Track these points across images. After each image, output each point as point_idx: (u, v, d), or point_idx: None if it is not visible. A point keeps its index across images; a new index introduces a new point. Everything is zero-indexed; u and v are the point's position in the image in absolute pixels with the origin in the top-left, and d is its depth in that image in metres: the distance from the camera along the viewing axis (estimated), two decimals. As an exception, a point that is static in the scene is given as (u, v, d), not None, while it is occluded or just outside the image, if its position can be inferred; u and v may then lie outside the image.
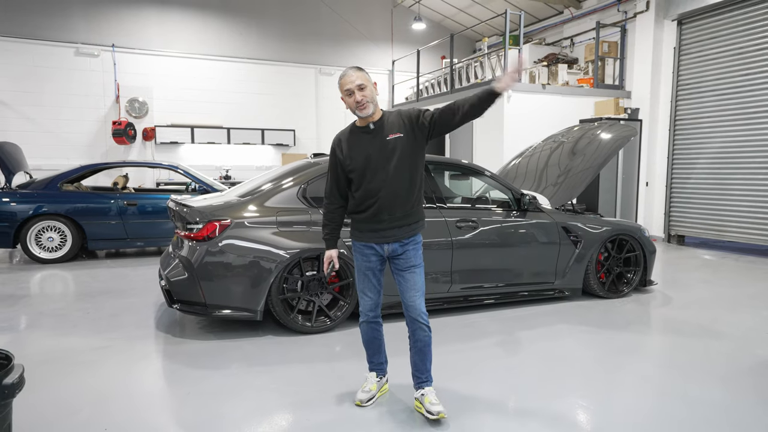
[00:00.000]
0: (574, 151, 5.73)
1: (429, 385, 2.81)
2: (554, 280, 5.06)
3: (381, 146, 2.67)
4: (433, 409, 2.69)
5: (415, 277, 2.76)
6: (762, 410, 2.91)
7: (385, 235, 2.74)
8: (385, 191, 2.68)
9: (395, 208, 2.70)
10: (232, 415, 2.83)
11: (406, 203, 2.72)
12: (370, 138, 2.70)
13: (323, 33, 13.32)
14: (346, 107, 2.72)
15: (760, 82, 7.91)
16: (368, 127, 2.71)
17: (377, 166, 2.67)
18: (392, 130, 2.69)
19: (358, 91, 2.62)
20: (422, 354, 2.79)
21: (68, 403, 2.94)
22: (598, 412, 2.88)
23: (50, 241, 6.91)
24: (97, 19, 11.32)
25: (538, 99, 9.24)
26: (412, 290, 2.74)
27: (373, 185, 2.68)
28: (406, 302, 2.76)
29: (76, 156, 11.13)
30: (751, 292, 5.67)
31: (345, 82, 2.65)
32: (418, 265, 2.78)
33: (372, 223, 2.74)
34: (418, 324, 2.74)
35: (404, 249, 2.76)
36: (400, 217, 2.72)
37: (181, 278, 4.01)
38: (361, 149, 2.70)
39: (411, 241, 2.77)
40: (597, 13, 10.87)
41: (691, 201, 9.06)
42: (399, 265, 2.78)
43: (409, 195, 2.73)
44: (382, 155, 2.67)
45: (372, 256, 2.81)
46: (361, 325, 2.92)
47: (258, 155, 12.93)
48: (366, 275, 2.84)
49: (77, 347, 3.83)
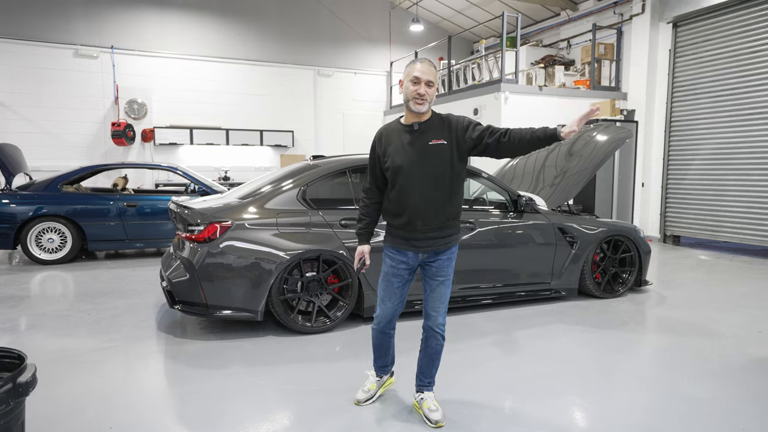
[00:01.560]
0: (570, 153, 5.79)
1: (430, 390, 2.85)
2: (551, 280, 5.12)
3: (422, 149, 2.57)
4: (432, 416, 2.72)
5: (442, 288, 2.71)
6: (754, 408, 2.97)
7: (417, 244, 2.64)
8: (420, 197, 2.58)
9: (430, 218, 2.60)
10: (234, 414, 2.88)
11: (442, 213, 2.62)
12: (412, 138, 2.60)
13: (321, 34, 13.38)
14: (400, 92, 2.63)
15: (754, 85, 8.00)
16: (413, 127, 2.61)
17: (414, 169, 2.57)
18: (437, 135, 2.59)
19: (425, 86, 2.53)
20: (431, 360, 2.81)
21: (73, 403, 2.99)
22: (595, 411, 2.94)
23: (50, 243, 6.95)
24: (96, 20, 11.36)
25: (535, 100, 9.32)
26: (437, 301, 2.71)
27: (408, 188, 2.58)
28: (427, 311, 2.74)
29: (75, 157, 11.16)
30: (744, 292, 5.75)
31: (417, 68, 2.54)
32: (448, 277, 2.72)
33: (405, 230, 2.64)
34: (434, 333, 2.74)
35: (437, 258, 2.69)
36: (435, 228, 2.62)
37: (183, 279, 4.06)
38: (401, 148, 2.60)
39: (447, 251, 2.70)
40: (593, 15, 10.95)
41: (687, 202, 9.14)
42: (429, 273, 2.72)
43: (447, 205, 2.63)
44: (421, 158, 2.57)
45: (401, 264, 2.71)
46: (372, 330, 2.89)
47: (257, 156, 12.98)
48: (390, 282, 2.74)
49: (79, 348, 3.88)
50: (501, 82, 9.06)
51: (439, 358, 2.83)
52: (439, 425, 2.71)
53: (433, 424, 2.71)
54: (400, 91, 2.66)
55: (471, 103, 9.80)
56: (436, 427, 2.70)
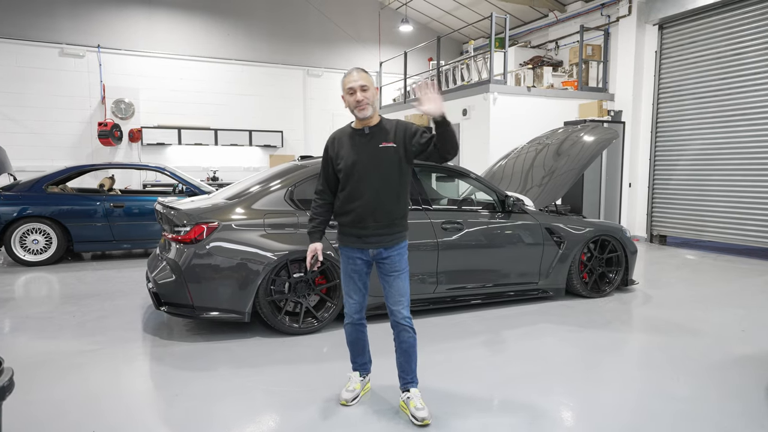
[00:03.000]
0: (558, 153, 5.84)
1: (415, 386, 2.87)
2: (538, 280, 5.15)
3: (372, 151, 2.72)
4: (419, 414, 2.74)
5: (399, 282, 2.81)
6: (737, 406, 3.01)
7: (368, 241, 2.78)
8: (370, 196, 2.72)
9: (380, 216, 2.74)
10: (220, 416, 2.86)
11: (391, 212, 2.76)
12: (364, 142, 2.75)
13: (311, 34, 13.36)
14: (345, 106, 2.77)
15: (737, 87, 8.11)
16: (363, 131, 2.76)
17: (365, 170, 2.71)
18: (386, 138, 2.74)
19: (360, 91, 2.67)
20: (407, 355, 2.85)
21: (57, 406, 2.96)
22: (580, 410, 2.97)
23: (35, 244, 6.86)
24: (82, 19, 11.24)
25: (523, 101, 9.37)
26: (397, 295, 2.80)
27: (360, 188, 2.72)
28: (390, 306, 2.82)
29: (61, 158, 11.04)
30: (728, 291, 5.83)
31: (348, 80, 2.70)
32: (403, 270, 2.83)
33: (356, 228, 2.78)
34: (402, 327, 2.80)
35: (389, 254, 2.81)
36: (384, 225, 2.76)
37: (169, 281, 4.03)
38: (353, 150, 2.75)
39: (396, 247, 2.82)
40: (581, 17, 11.04)
41: (673, 202, 9.25)
42: (384, 270, 2.84)
43: (395, 205, 2.78)
44: (371, 161, 2.71)
45: (358, 260, 2.85)
46: (345, 326, 2.98)
47: (246, 156, 12.92)
48: (351, 278, 2.88)
49: (64, 350, 3.84)
50: (490, 83, 9.10)
51: (415, 352, 2.86)
52: (426, 423, 2.72)
53: (419, 422, 2.72)
54: (345, 105, 2.79)
55: (460, 103, 9.83)
56: (423, 424, 2.72)
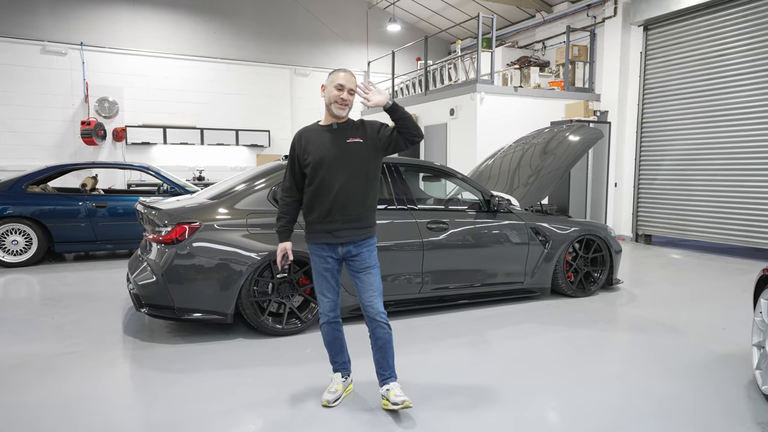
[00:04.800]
0: (544, 152, 5.85)
1: (394, 380, 2.86)
2: (524, 279, 5.16)
3: (340, 146, 2.76)
4: (398, 399, 2.74)
5: (371, 278, 2.82)
6: (717, 404, 3.03)
7: (338, 235, 2.78)
8: (339, 190, 2.73)
9: (349, 209, 2.76)
10: (200, 418, 2.82)
11: (359, 206, 2.79)
12: (331, 137, 2.78)
13: (298, 33, 13.28)
14: (322, 96, 2.81)
15: (720, 88, 8.20)
16: (331, 126, 2.81)
17: (333, 165, 2.73)
18: (353, 134, 2.79)
19: (348, 93, 2.74)
20: (384, 351, 2.84)
21: (31, 411, 2.89)
22: (564, 410, 2.96)
23: (15, 245, 6.73)
24: (64, 16, 11.07)
25: (510, 101, 9.39)
26: (369, 290, 2.81)
27: (328, 181, 2.74)
28: (364, 302, 2.82)
29: (43, 157, 10.86)
30: (710, 289, 5.89)
31: (341, 77, 2.74)
32: (373, 266, 2.85)
33: (325, 222, 2.78)
34: (377, 323, 2.80)
35: (359, 251, 2.82)
36: (353, 219, 2.78)
37: (150, 282, 3.97)
38: (320, 146, 2.77)
39: (365, 242, 2.84)
40: (567, 18, 11.10)
41: (657, 201, 9.33)
42: (355, 267, 2.84)
43: (364, 199, 2.80)
44: (339, 155, 2.74)
45: (329, 258, 2.85)
46: (321, 326, 2.96)
47: (232, 156, 12.82)
48: (324, 276, 2.87)
49: (41, 353, 3.76)
50: (477, 83, 9.11)
51: (392, 348, 2.86)
52: (406, 404, 2.73)
53: (399, 405, 2.73)
54: (322, 95, 2.82)
55: (447, 103, 9.83)
56: (403, 406, 2.73)
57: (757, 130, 7.72)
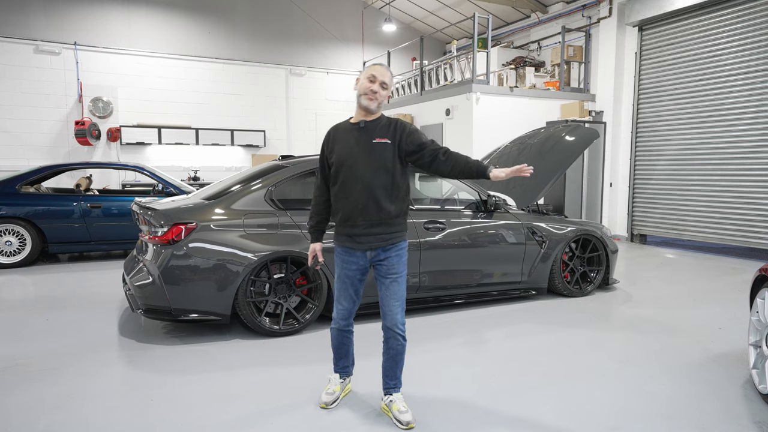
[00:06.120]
0: (540, 152, 5.86)
1: (397, 392, 2.83)
2: (520, 279, 5.16)
3: (366, 146, 2.65)
4: (402, 418, 2.70)
5: (396, 286, 2.71)
6: (713, 403, 3.04)
7: (359, 240, 2.68)
8: (361, 192, 2.62)
9: (371, 214, 2.64)
10: (197, 420, 2.80)
11: (382, 210, 2.65)
12: (358, 136, 2.68)
13: (294, 33, 13.25)
14: (355, 89, 2.73)
15: (714, 88, 8.24)
16: (359, 124, 2.70)
17: (356, 165, 2.63)
18: (381, 134, 2.67)
19: (380, 86, 2.65)
20: (394, 361, 2.79)
21: (24, 413, 2.86)
22: (561, 410, 2.96)
23: (8, 245, 6.68)
24: (58, 15, 10.99)
25: (506, 101, 9.41)
26: (392, 299, 2.70)
27: (349, 183, 2.64)
28: (384, 310, 2.72)
29: (36, 157, 10.78)
30: (706, 289, 5.92)
31: (376, 69, 2.67)
32: (401, 273, 2.73)
33: (346, 226, 2.69)
34: (394, 333, 2.72)
35: (387, 255, 2.71)
36: (376, 224, 2.66)
37: (146, 282, 3.94)
38: (345, 144, 2.68)
39: (394, 247, 2.72)
40: (562, 18, 11.13)
41: (653, 201, 9.37)
42: (381, 271, 2.73)
43: (387, 203, 2.66)
44: (364, 155, 2.64)
45: (353, 265, 2.74)
46: (331, 329, 2.90)
47: (227, 156, 12.77)
48: (344, 283, 2.78)
49: (35, 355, 3.72)
50: (472, 83, 9.12)
51: (403, 359, 2.81)
52: (410, 426, 2.69)
53: (404, 426, 2.69)
54: (355, 88, 2.75)
55: (443, 103, 9.84)
56: (407, 428, 2.69)
57: (751, 129, 7.77)
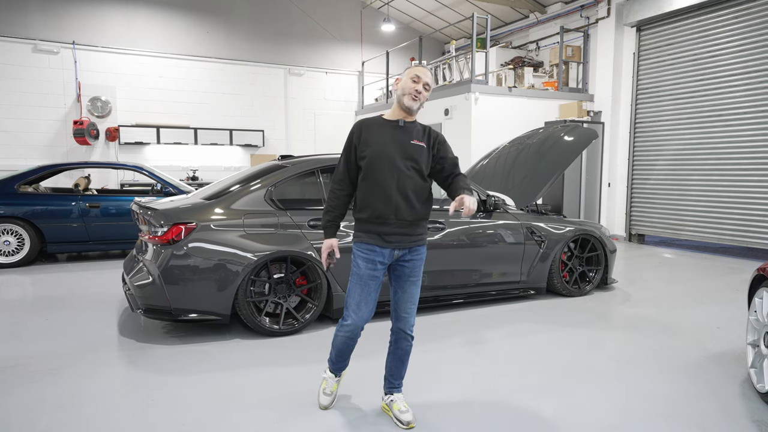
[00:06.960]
0: (539, 152, 5.88)
1: (399, 392, 2.84)
2: (519, 279, 5.17)
3: (403, 144, 2.62)
4: (403, 418, 2.71)
5: (415, 289, 2.71)
6: (712, 402, 3.05)
7: (389, 239, 2.61)
8: (395, 190, 2.57)
9: (404, 213, 2.60)
10: (197, 420, 2.80)
11: (414, 211, 2.62)
12: (396, 133, 2.63)
13: (292, 33, 13.24)
14: (395, 88, 2.69)
15: (712, 88, 8.27)
16: (398, 122, 2.66)
17: (393, 162, 2.57)
18: (419, 137, 2.66)
19: (423, 87, 2.63)
20: (401, 362, 2.80)
21: (24, 414, 2.86)
22: (560, 409, 2.97)
23: (6, 245, 6.66)
24: (56, 15, 10.97)
25: (504, 101, 9.43)
26: (409, 303, 2.70)
27: (385, 179, 2.57)
28: (398, 313, 2.71)
29: (35, 157, 10.76)
30: (704, 289, 5.93)
31: (420, 70, 2.65)
32: (419, 277, 2.73)
33: (376, 224, 2.61)
34: (404, 335, 2.73)
35: (411, 257, 2.68)
36: (407, 224, 2.62)
37: (146, 282, 3.94)
38: (382, 140, 2.61)
39: (418, 250, 2.70)
40: (561, 18, 11.15)
41: (651, 201, 9.39)
42: (402, 273, 2.69)
43: (420, 204, 2.65)
44: (401, 153, 2.59)
45: (379, 264, 2.64)
46: (341, 336, 2.75)
47: (226, 156, 12.76)
48: (368, 285, 2.64)
49: (34, 355, 3.72)
50: (471, 83, 9.14)
51: (408, 360, 2.82)
52: (411, 426, 2.70)
53: (404, 425, 2.70)
54: (395, 87, 2.73)
55: (442, 103, 9.85)
56: (408, 428, 2.69)
57: (750, 129, 7.80)
